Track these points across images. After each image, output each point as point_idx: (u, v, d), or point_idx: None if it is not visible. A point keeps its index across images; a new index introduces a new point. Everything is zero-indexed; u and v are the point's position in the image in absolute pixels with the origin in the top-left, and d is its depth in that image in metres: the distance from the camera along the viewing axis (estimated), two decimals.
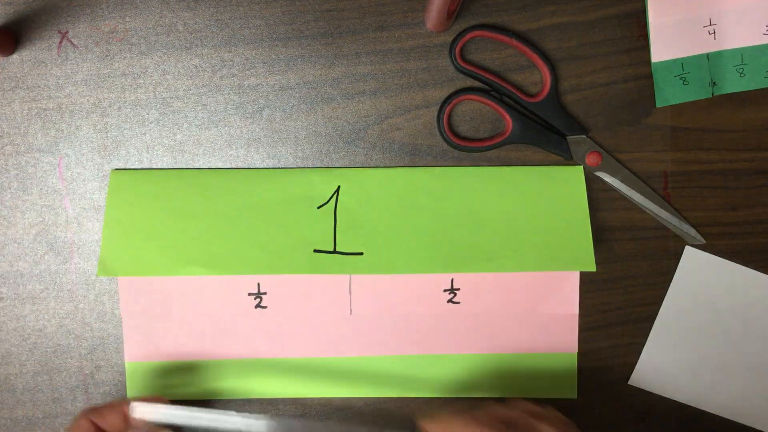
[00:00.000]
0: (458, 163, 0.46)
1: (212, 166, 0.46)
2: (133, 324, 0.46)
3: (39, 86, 0.45)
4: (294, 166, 0.46)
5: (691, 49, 0.46)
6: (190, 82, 0.45)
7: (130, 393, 0.46)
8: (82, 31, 0.45)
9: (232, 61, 0.45)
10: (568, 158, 0.46)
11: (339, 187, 0.45)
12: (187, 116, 0.45)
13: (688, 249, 0.47)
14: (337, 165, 0.46)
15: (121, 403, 0.39)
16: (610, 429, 0.48)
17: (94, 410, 0.39)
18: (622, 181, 0.46)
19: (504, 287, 0.46)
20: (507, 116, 0.45)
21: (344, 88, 0.45)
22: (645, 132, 0.46)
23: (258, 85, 0.45)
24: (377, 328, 0.46)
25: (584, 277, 0.47)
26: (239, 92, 0.45)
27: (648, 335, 0.48)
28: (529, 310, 0.46)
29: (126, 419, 0.39)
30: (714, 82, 0.46)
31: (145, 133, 0.45)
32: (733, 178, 0.47)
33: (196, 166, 0.46)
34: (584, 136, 0.46)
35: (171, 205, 0.45)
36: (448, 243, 0.45)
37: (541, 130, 0.45)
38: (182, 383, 0.46)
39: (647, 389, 0.48)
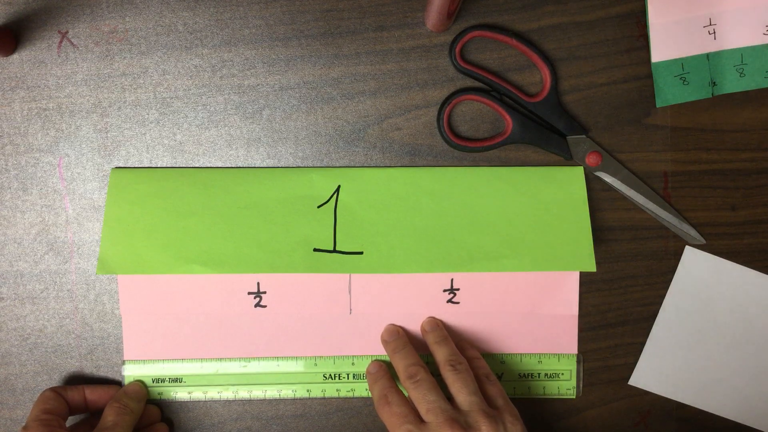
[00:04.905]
0: (458, 163, 0.46)
1: (212, 166, 0.46)
2: (132, 322, 0.46)
3: (39, 86, 0.45)
4: (294, 165, 0.46)
5: (691, 49, 0.46)
6: (190, 82, 0.45)
7: None
8: (82, 31, 0.45)
9: (232, 61, 0.45)
10: (568, 158, 0.46)
11: (339, 186, 0.45)
12: (187, 116, 0.45)
13: (688, 249, 0.47)
14: (337, 165, 0.46)
15: (83, 386, 0.44)
16: (610, 429, 0.48)
17: (58, 387, 0.44)
18: (622, 181, 0.46)
19: (504, 287, 0.46)
20: (507, 116, 0.45)
21: (344, 88, 0.45)
22: (645, 132, 0.46)
23: (258, 85, 0.45)
24: (377, 328, 0.46)
25: (584, 277, 0.47)
26: (239, 92, 0.45)
27: (648, 335, 0.48)
28: (528, 311, 0.46)
29: (86, 400, 0.44)
30: (714, 82, 0.46)
31: (145, 133, 0.45)
32: (733, 178, 0.47)
33: (196, 166, 0.46)
34: (584, 136, 0.46)
35: (171, 203, 0.45)
36: (448, 243, 0.45)
37: (541, 130, 0.45)
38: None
39: (647, 389, 0.48)
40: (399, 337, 0.45)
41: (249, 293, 0.46)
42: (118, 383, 0.46)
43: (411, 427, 0.39)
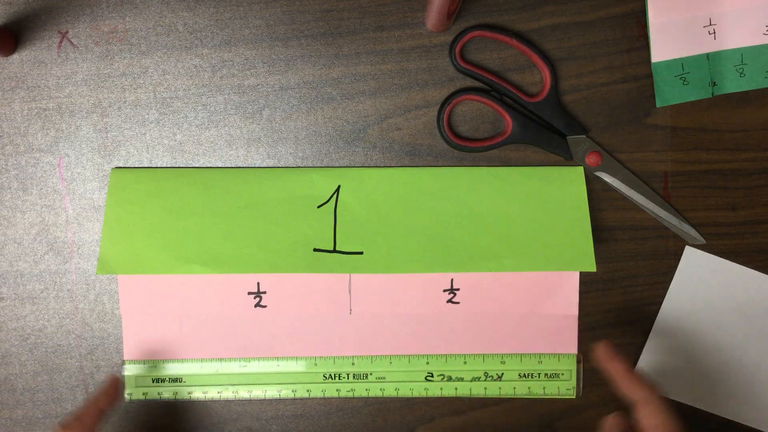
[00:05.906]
0: (458, 163, 0.46)
1: (212, 166, 0.46)
2: (132, 322, 0.46)
3: (39, 86, 0.45)
4: (294, 165, 0.46)
5: (691, 49, 0.46)
6: (190, 82, 0.45)
7: (128, 392, 0.46)
8: (82, 31, 0.45)
9: (232, 61, 0.45)
10: (568, 158, 0.46)
11: (339, 186, 0.45)
12: (187, 116, 0.45)
13: (688, 249, 0.47)
14: (337, 165, 0.46)
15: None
16: None
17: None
18: (622, 181, 0.46)
19: (504, 287, 0.46)
20: (507, 116, 0.45)
21: (344, 88, 0.45)
22: (645, 132, 0.46)
23: (258, 85, 0.45)
24: (377, 328, 0.46)
25: (584, 277, 0.47)
26: (239, 92, 0.45)
27: (648, 335, 0.48)
28: (528, 310, 0.46)
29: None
30: (714, 82, 0.46)
31: (145, 133, 0.45)
32: (733, 178, 0.47)
33: (196, 166, 0.46)
34: (584, 136, 0.46)
35: (171, 203, 0.45)
36: (448, 243, 0.45)
37: (541, 130, 0.45)
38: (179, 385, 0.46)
39: None
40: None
41: (249, 293, 0.46)
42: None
43: None
